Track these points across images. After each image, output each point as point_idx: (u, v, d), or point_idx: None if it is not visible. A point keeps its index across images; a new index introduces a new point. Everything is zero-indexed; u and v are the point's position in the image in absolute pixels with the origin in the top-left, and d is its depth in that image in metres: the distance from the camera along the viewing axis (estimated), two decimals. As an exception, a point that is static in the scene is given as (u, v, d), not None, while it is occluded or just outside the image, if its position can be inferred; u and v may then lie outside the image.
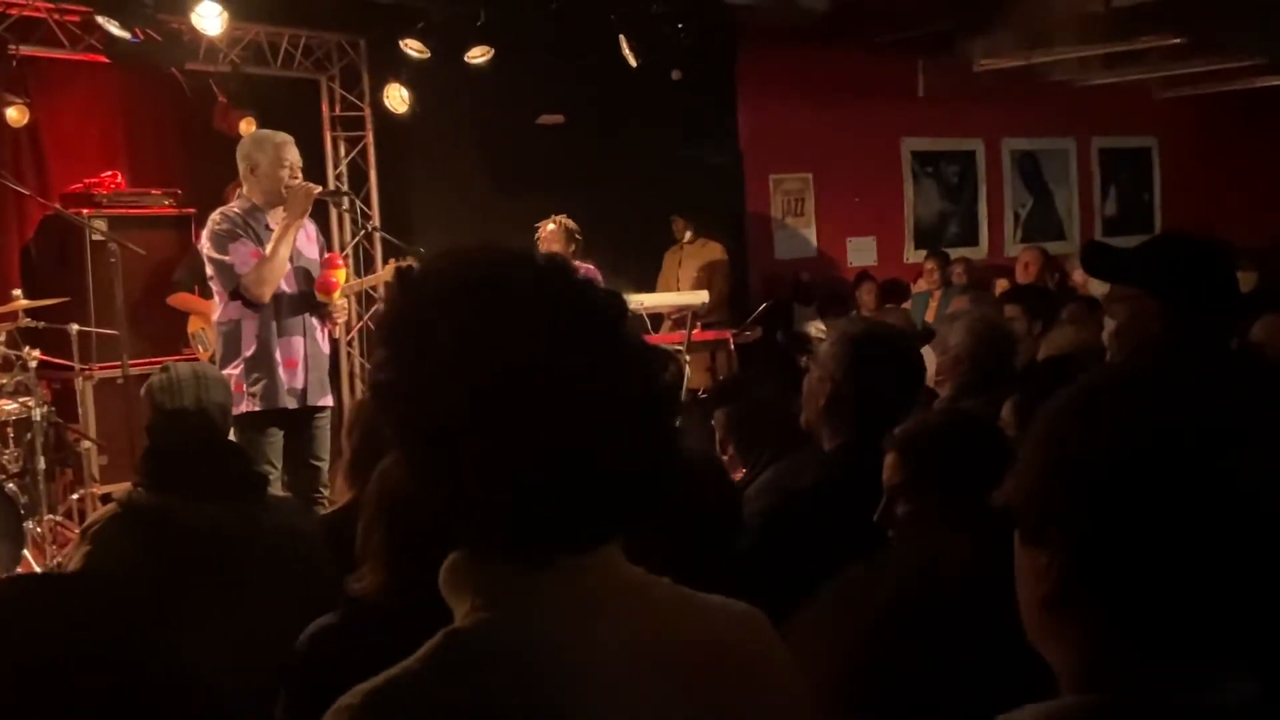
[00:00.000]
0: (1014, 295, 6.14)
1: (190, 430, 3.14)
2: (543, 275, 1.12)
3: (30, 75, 6.64)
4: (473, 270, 1.13)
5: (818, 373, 2.90)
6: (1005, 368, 3.99)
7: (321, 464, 4.92)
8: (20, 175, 6.83)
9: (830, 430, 2.88)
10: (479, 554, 1.13)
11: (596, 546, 1.12)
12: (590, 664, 1.09)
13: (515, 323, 1.07)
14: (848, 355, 2.84)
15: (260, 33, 7.42)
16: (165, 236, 7.14)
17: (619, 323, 1.13)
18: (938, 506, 2.22)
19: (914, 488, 2.30)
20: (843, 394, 2.82)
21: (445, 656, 1.10)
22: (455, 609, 1.14)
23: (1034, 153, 12.01)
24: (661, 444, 1.14)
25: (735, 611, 1.23)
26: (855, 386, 2.80)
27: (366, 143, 8.12)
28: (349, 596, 2.29)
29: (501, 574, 1.11)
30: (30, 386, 6.02)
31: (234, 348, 4.76)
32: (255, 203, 4.83)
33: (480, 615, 1.10)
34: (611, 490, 1.09)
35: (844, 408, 2.82)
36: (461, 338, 1.07)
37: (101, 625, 0.96)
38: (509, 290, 1.10)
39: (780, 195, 10.50)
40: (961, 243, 11.14)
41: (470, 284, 1.11)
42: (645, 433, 1.11)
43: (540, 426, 1.05)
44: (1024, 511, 1.11)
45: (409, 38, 7.40)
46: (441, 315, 1.08)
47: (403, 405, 1.10)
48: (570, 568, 1.11)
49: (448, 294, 1.11)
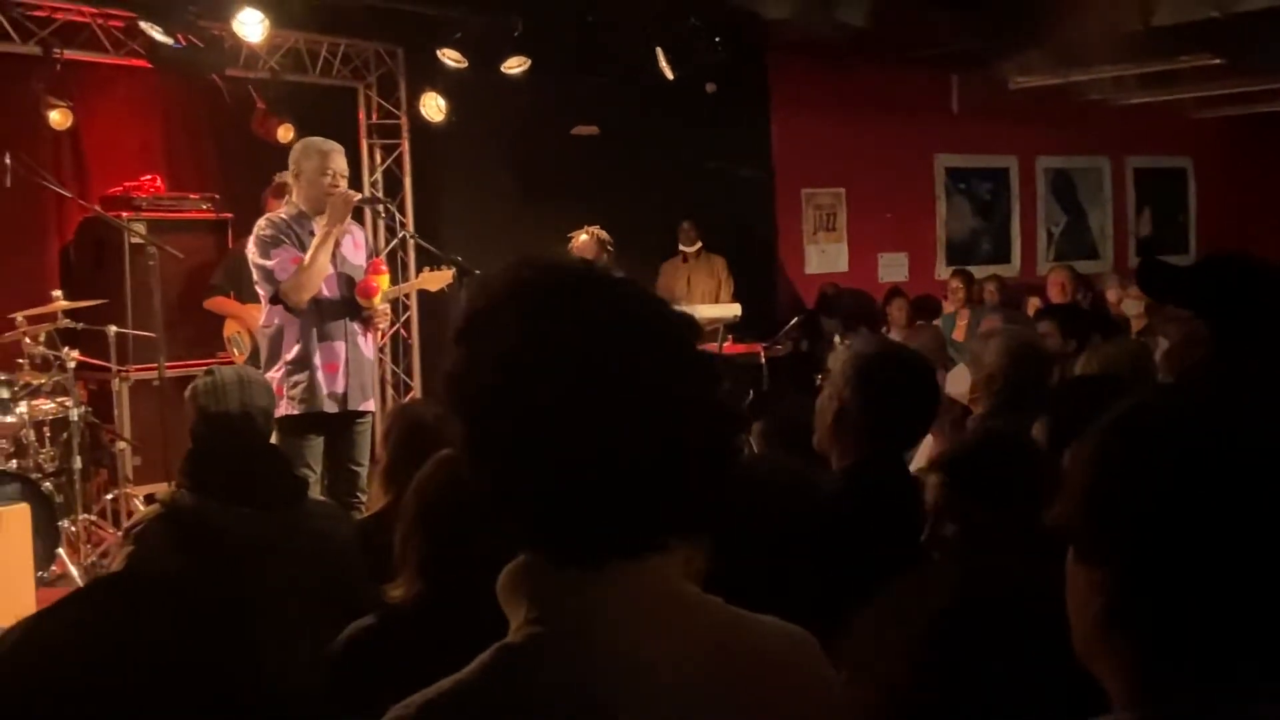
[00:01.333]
0: (1047, 313, 6.11)
1: (233, 434, 3.16)
2: (619, 289, 1.15)
3: (73, 79, 6.72)
4: (555, 278, 1.16)
5: (828, 391, 2.88)
6: (1040, 386, 3.97)
7: (360, 469, 4.95)
8: (61, 177, 6.91)
9: (839, 449, 2.85)
10: (537, 560, 1.14)
11: (651, 554, 1.13)
12: (642, 681, 1.10)
13: (594, 332, 1.10)
14: (857, 375, 2.82)
15: (300, 40, 7.49)
16: (202, 240, 7.21)
17: (690, 339, 1.16)
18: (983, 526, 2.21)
19: (959, 508, 2.29)
20: (850, 413, 2.79)
21: (499, 670, 1.11)
22: (510, 617, 1.15)
23: (1068, 171, 11.97)
24: (721, 457, 1.16)
25: (787, 633, 1.24)
26: (863, 406, 2.76)
27: (402, 150, 8.19)
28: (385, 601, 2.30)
29: (558, 584, 1.13)
30: (68, 387, 6.09)
31: (276, 351, 4.80)
32: (302, 209, 4.87)
33: (535, 629, 1.12)
34: (670, 498, 1.11)
35: (852, 427, 2.79)
36: (541, 343, 1.09)
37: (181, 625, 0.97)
38: (589, 299, 1.13)
39: (812, 210, 10.50)
40: (994, 260, 11.11)
41: (553, 292, 1.14)
42: (707, 445, 1.14)
43: (610, 432, 1.08)
44: (1078, 530, 1.11)
45: (446, 47, 7.46)
46: (522, 319, 1.11)
47: (475, 404, 1.12)
48: (625, 581, 1.12)
49: (529, 299, 1.13)
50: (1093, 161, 12.10)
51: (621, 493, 1.09)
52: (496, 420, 1.10)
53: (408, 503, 2.35)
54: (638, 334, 1.11)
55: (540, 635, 1.11)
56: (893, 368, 2.90)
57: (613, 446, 1.08)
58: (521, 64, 7.68)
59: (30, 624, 1.00)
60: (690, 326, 1.16)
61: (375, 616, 2.31)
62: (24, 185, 6.13)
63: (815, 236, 10.52)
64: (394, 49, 8.07)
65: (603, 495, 1.09)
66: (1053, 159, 11.80)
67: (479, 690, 1.10)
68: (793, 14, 7.75)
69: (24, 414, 5.88)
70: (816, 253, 10.51)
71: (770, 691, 1.17)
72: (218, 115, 7.50)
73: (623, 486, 1.08)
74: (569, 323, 1.10)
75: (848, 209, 10.60)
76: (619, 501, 1.09)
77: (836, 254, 10.59)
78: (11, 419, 5.81)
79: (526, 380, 1.08)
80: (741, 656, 1.17)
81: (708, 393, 1.14)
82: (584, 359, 1.08)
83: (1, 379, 5.79)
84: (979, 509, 2.23)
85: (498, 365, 1.10)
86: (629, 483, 1.08)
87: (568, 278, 1.15)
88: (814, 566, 2.28)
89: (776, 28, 8.37)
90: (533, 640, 1.11)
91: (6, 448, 5.95)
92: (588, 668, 1.09)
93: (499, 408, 1.10)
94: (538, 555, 1.14)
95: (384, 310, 5.05)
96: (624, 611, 1.11)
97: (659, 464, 1.09)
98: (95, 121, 7.26)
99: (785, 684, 1.19)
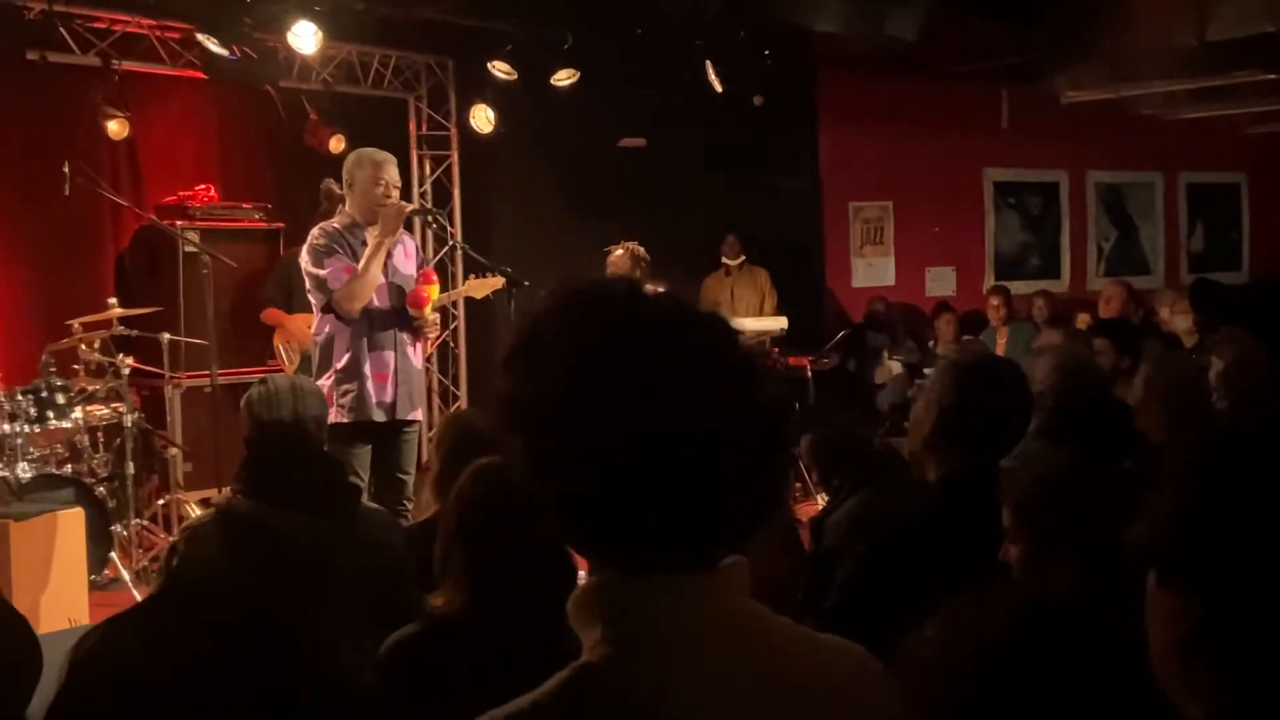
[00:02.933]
0: (1101, 329, 6.04)
1: (288, 441, 3.20)
2: (662, 303, 1.18)
3: (131, 90, 6.82)
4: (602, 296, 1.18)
5: (923, 401, 2.87)
6: (1093, 405, 3.93)
7: (408, 477, 4.98)
8: (117, 186, 7.02)
9: (936, 460, 2.83)
10: (610, 579, 1.16)
11: (717, 564, 1.15)
12: (713, 699, 1.11)
13: (647, 346, 1.12)
14: (955, 384, 2.80)
15: (352, 52, 7.57)
16: (255, 249, 7.30)
17: (734, 346, 1.19)
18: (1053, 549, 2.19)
19: (1027, 531, 2.28)
20: (950, 423, 2.78)
21: (577, 689, 1.12)
22: (584, 637, 1.17)
23: (1119, 186, 11.85)
24: (775, 476, 1.20)
25: (849, 651, 1.25)
26: (962, 416, 2.76)
27: (451, 162, 8.24)
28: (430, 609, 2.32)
29: (632, 602, 1.14)
30: (122, 393, 6.18)
31: (327, 360, 4.84)
32: (355, 219, 4.91)
33: (608, 650, 1.13)
34: (731, 505, 1.14)
35: (950, 437, 2.78)
36: (600, 361, 1.12)
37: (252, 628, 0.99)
38: (638, 315, 1.16)
39: (859, 223, 10.46)
40: (1042, 275, 11.02)
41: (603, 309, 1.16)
42: (764, 466, 1.17)
43: (673, 442, 1.10)
44: (1162, 554, 1.10)
45: (496, 60, 7.50)
46: (576, 340, 1.13)
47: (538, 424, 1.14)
48: (697, 597, 1.14)
49: (581, 319, 1.16)
50: (1144, 177, 11.97)
51: (688, 501, 1.10)
52: (561, 439, 1.12)
53: (448, 515, 2.37)
54: (686, 345, 1.14)
55: (616, 655, 1.12)
56: (992, 375, 2.88)
57: (674, 453, 1.09)
58: (570, 76, 7.71)
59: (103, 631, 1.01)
60: (732, 334, 1.19)
61: (419, 625, 2.33)
62: (82, 194, 6.24)
63: (862, 250, 10.48)
64: (444, 61, 8.13)
65: (670, 504, 1.10)
66: (1103, 174, 11.69)
67: (559, 710, 1.11)
68: (842, 27, 7.74)
69: (79, 419, 5.97)
70: (863, 266, 10.47)
71: (833, 709, 1.18)
72: (271, 126, 7.60)
73: (689, 494, 1.10)
74: (623, 340, 1.12)
75: (895, 222, 10.55)
76: (684, 508, 1.11)
77: (884, 268, 10.53)
78: (67, 424, 5.90)
79: (590, 397, 1.10)
80: (808, 676, 1.19)
81: (757, 398, 1.16)
82: (642, 372, 1.10)
83: (58, 384, 5.88)
84: (1047, 532, 2.20)
85: (559, 385, 1.11)
86: (694, 490, 1.10)
87: (615, 295, 1.17)
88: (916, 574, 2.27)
89: (825, 41, 8.36)
90: (609, 660, 1.12)
91: (61, 452, 6.04)
92: (665, 687, 1.10)
93: (563, 427, 1.11)
94: (610, 573, 1.16)
95: (434, 320, 5.08)
96: (698, 627, 1.13)
97: (719, 470, 1.11)
98: (151, 131, 7.38)
99: (850, 704, 1.20)
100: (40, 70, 6.19)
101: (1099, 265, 11.67)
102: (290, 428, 3.22)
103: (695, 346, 1.14)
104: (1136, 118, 10.91)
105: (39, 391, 5.79)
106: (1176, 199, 12.24)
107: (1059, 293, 10.50)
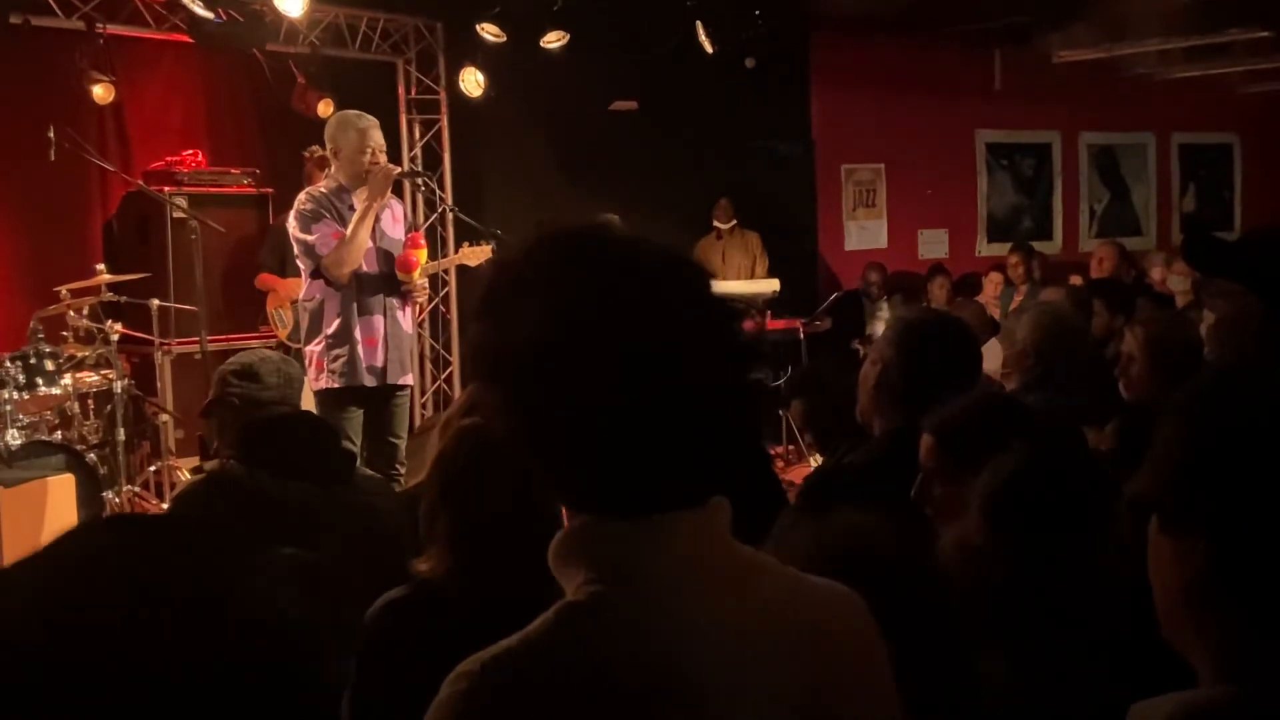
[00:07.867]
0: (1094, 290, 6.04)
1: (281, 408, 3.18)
2: (636, 244, 1.18)
3: (116, 54, 6.75)
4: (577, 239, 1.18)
5: (871, 357, 2.88)
6: (1072, 361, 3.93)
7: (399, 441, 4.98)
8: (105, 152, 6.95)
9: (880, 417, 2.84)
10: (589, 523, 1.15)
11: (698, 505, 1.16)
12: (702, 634, 1.11)
13: (623, 285, 1.12)
14: (899, 340, 2.81)
15: (339, 15, 7.49)
16: (244, 215, 7.26)
17: (732, 308, 1.20)
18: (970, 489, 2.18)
19: (949, 472, 2.28)
20: (891, 378, 2.78)
21: (565, 627, 1.12)
22: (566, 583, 1.16)
23: (1111, 147, 11.81)
24: (752, 415, 1.24)
25: (837, 592, 1.26)
26: (904, 371, 2.76)
27: (441, 125, 8.18)
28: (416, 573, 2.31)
29: (614, 542, 1.14)
30: (111, 360, 6.15)
31: (317, 325, 4.84)
32: (341, 183, 4.88)
33: (593, 588, 1.13)
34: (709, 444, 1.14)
35: (892, 392, 2.78)
36: (576, 302, 1.11)
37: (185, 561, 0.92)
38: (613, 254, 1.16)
39: (852, 186, 10.43)
40: (1035, 237, 10.99)
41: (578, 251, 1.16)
42: (739, 411, 1.18)
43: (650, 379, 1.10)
44: (1167, 500, 1.10)
45: (485, 22, 7.44)
46: (553, 282, 1.13)
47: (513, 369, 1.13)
48: (679, 536, 1.14)
49: (556, 262, 1.15)
50: (1137, 138, 11.94)
51: (665, 439, 1.11)
52: (538, 382, 1.11)
53: (430, 481, 2.36)
54: (666, 283, 1.14)
55: (602, 593, 1.12)
56: (935, 332, 2.88)
57: (653, 393, 1.10)
58: (560, 39, 7.65)
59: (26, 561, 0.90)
60: (704, 272, 1.19)
61: (406, 589, 2.32)
62: (68, 159, 6.19)
63: (855, 213, 10.45)
64: (433, 24, 8.06)
65: (648, 443, 1.10)
66: (1096, 135, 11.65)
67: (547, 646, 1.11)
68: (834, -12, 7.69)
69: (69, 386, 5.94)
70: (856, 229, 10.45)
71: (823, 646, 1.19)
72: (258, 90, 7.54)
73: (666, 433, 1.11)
74: (600, 279, 1.12)
75: (888, 185, 10.52)
76: (664, 448, 1.11)
77: (876, 230, 10.51)
78: (57, 391, 5.87)
79: (567, 338, 1.10)
80: (796, 611, 1.20)
81: (729, 334, 1.17)
82: (617, 312, 1.10)
83: (46, 351, 5.85)
84: (968, 473, 2.18)
85: (535, 329, 1.10)
86: (672, 429, 1.11)
87: (589, 238, 1.17)
88: None
89: (818, 2, 8.31)
90: (595, 597, 1.12)
91: (51, 419, 6.01)
92: (652, 621, 1.11)
93: (540, 369, 1.10)
94: (589, 518, 1.15)
95: (422, 285, 5.06)
96: (683, 566, 1.13)
97: (697, 408, 1.12)
98: (137, 96, 7.31)
99: (837, 640, 1.22)
100: (24, 34, 6.11)
101: (1091, 227, 11.66)
102: (280, 395, 3.20)
103: (675, 284, 1.15)
104: (1129, 78, 10.86)
105: (28, 358, 5.76)
106: (1169, 160, 12.20)
107: (1051, 254, 10.49)
